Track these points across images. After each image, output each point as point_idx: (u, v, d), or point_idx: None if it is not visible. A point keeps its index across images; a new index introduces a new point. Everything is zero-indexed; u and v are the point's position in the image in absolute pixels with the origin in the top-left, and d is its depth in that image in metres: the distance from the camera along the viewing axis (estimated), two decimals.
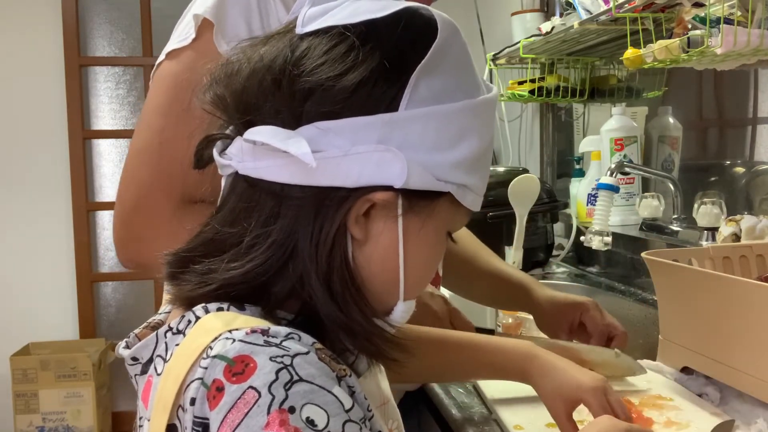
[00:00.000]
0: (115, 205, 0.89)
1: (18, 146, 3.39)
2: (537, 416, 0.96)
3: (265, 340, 0.49)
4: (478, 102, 0.58)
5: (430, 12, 0.57)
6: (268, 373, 0.47)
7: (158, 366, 0.54)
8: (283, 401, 0.46)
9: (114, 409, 3.48)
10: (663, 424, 0.95)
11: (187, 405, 0.49)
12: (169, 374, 0.51)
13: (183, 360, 0.51)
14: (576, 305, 1.18)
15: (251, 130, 0.54)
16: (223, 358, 0.48)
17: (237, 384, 0.47)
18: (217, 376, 0.48)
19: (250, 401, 0.46)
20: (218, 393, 0.47)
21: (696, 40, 1.25)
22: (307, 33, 0.56)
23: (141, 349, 0.56)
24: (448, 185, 0.57)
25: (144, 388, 0.55)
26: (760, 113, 1.67)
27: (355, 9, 0.55)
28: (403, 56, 0.55)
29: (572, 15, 1.77)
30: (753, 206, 1.64)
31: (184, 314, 0.54)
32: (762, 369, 0.91)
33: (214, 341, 0.50)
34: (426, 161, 0.55)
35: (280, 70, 0.54)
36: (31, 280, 3.43)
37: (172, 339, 0.54)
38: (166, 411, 0.50)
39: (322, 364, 0.49)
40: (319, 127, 0.53)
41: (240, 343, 0.49)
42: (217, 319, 0.52)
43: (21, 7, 3.35)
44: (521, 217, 1.53)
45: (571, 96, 2.08)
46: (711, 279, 1.01)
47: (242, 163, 0.55)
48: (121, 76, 3.53)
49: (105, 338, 3.43)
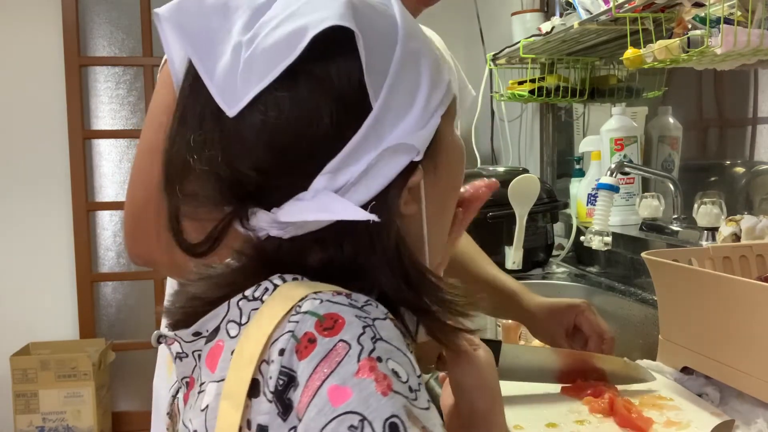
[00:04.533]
0: (125, 203, 0.89)
1: (18, 146, 3.39)
2: (537, 416, 0.97)
3: (350, 302, 0.52)
4: (401, 34, 0.57)
5: (327, 19, 0.54)
6: (356, 327, 0.50)
7: (231, 330, 0.56)
8: (372, 351, 0.49)
9: (114, 409, 3.49)
10: (663, 424, 0.95)
11: (274, 356, 0.51)
12: (252, 334, 0.53)
13: (268, 319, 0.53)
14: (570, 308, 1.17)
15: (283, 213, 0.54)
16: (314, 314, 0.51)
17: (329, 337, 0.49)
18: (308, 329, 0.50)
19: (342, 352, 0.49)
20: (310, 344, 0.50)
21: (696, 40, 1.25)
22: (243, 110, 0.54)
23: (207, 322, 0.57)
24: (439, 109, 0.58)
25: (209, 354, 0.57)
26: (760, 113, 1.67)
27: (261, 62, 0.53)
28: (347, 69, 0.54)
29: (572, 15, 1.77)
30: (753, 206, 1.64)
31: (260, 283, 0.56)
32: (762, 369, 0.91)
33: (302, 300, 0.52)
34: (417, 117, 0.57)
35: (258, 157, 0.54)
36: (31, 280, 3.43)
37: (248, 305, 0.56)
38: (251, 364, 0.52)
39: (397, 331, 0.52)
40: (327, 172, 0.54)
41: (328, 303, 0.52)
42: (299, 286, 0.54)
43: (21, 7, 3.35)
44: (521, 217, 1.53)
45: (571, 96, 2.08)
46: (711, 279, 1.01)
47: (283, 230, 0.56)
48: (121, 76, 3.53)
49: (105, 338, 3.43)
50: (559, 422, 0.95)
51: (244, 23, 0.55)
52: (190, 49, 0.55)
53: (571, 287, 1.84)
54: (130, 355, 3.51)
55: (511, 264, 1.64)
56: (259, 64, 0.53)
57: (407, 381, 0.49)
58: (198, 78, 0.56)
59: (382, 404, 0.47)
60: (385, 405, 0.47)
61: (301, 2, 0.55)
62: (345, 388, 0.47)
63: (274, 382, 0.50)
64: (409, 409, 0.47)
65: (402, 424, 0.46)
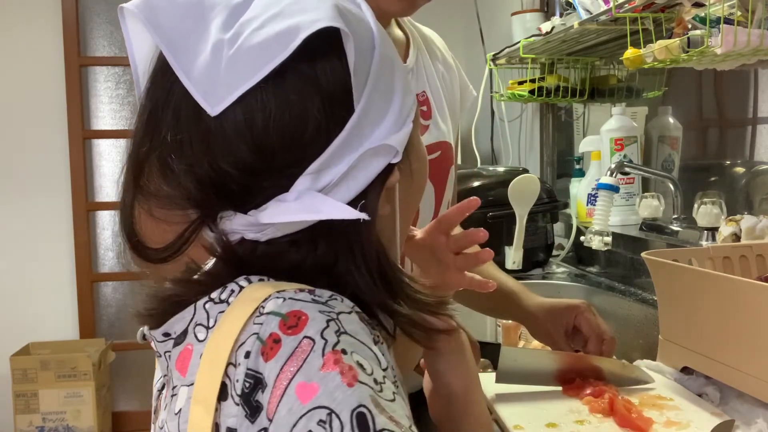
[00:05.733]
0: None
1: (18, 146, 3.39)
2: (537, 416, 0.97)
3: (313, 298, 0.52)
4: (377, 38, 0.58)
5: (319, 20, 0.54)
6: (319, 322, 0.50)
7: (199, 334, 0.56)
8: (336, 344, 0.49)
9: (114, 409, 3.49)
10: (663, 424, 0.95)
11: (240, 359, 0.51)
12: (220, 337, 0.53)
13: (234, 322, 0.53)
14: (570, 308, 1.16)
15: (265, 214, 0.54)
16: (278, 314, 0.51)
17: (293, 335, 0.50)
18: (273, 330, 0.50)
19: (307, 349, 0.49)
20: (275, 345, 0.50)
21: (696, 40, 1.25)
22: (226, 109, 0.53)
23: (174, 324, 0.57)
24: (411, 113, 0.59)
25: (179, 358, 0.57)
26: (760, 113, 1.67)
27: (247, 60, 0.53)
28: (334, 70, 0.55)
29: (572, 15, 1.77)
30: (753, 206, 1.64)
31: (225, 285, 0.56)
32: (762, 369, 0.91)
33: (266, 301, 0.52)
34: (393, 120, 0.57)
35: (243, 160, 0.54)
36: (31, 280, 3.43)
37: (214, 308, 0.55)
38: (220, 368, 0.52)
39: (363, 324, 0.53)
40: (310, 172, 0.54)
41: (291, 300, 0.52)
42: (263, 287, 0.54)
43: (21, 7, 3.36)
44: (521, 217, 1.53)
45: (571, 96, 2.08)
46: (711, 279, 1.01)
47: (261, 233, 0.55)
48: (121, 76, 3.53)
49: (105, 338, 3.43)
50: (559, 422, 0.95)
51: (223, 21, 0.55)
52: (164, 47, 0.54)
53: (571, 287, 1.84)
54: (130, 355, 3.52)
55: (511, 264, 1.63)
56: (245, 62, 0.53)
57: (372, 373, 0.49)
58: (168, 75, 0.55)
59: (348, 395, 0.47)
60: (351, 396, 0.47)
61: (284, 3, 0.55)
62: (312, 384, 0.48)
63: (240, 385, 0.50)
64: (375, 399, 0.48)
65: (369, 413, 0.47)
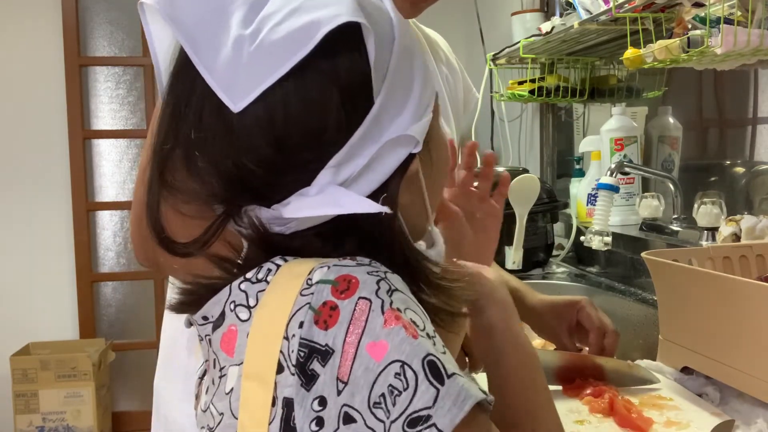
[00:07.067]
0: (132, 204, 0.88)
1: (18, 146, 3.39)
2: None
3: (358, 262, 0.53)
4: (397, 30, 0.58)
5: (340, 15, 0.54)
6: (370, 284, 0.51)
7: (241, 314, 0.56)
8: (391, 303, 0.51)
9: (114, 409, 3.49)
10: (663, 424, 0.95)
11: (294, 330, 0.51)
12: (268, 313, 0.53)
13: (283, 297, 0.53)
14: (572, 304, 1.18)
15: (288, 209, 0.54)
16: (327, 281, 0.52)
17: (348, 298, 0.51)
18: (326, 298, 0.51)
19: (365, 309, 0.50)
20: (333, 312, 0.50)
21: (696, 40, 1.25)
22: (248, 105, 0.53)
23: (211, 307, 0.57)
24: (431, 103, 0.59)
25: (223, 339, 0.56)
26: (760, 113, 1.67)
27: (268, 56, 0.53)
28: (354, 64, 0.55)
29: (572, 15, 1.77)
30: (753, 206, 1.64)
31: (261, 265, 0.56)
32: (762, 369, 0.91)
33: (311, 273, 0.53)
34: (412, 111, 0.57)
35: (265, 154, 0.54)
36: (31, 280, 3.43)
37: (252, 287, 0.55)
38: (275, 343, 0.52)
39: (404, 283, 0.54)
40: (331, 166, 0.54)
41: (337, 267, 0.52)
42: (303, 263, 0.55)
43: (21, 7, 3.35)
44: (521, 217, 1.53)
45: (571, 96, 2.08)
46: (711, 279, 1.01)
47: (285, 226, 0.56)
48: (121, 76, 3.53)
49: (105, 338, 3.43)
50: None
51: (243, 16, 0.54)
52: (185, 43, 0.54)
53: (571, 287, 1.84)
54: (130, 355, 3.52)
55: (511, 264, 1.63)
56: (267, 58, 0.53)
57: (424, 328, 0.51)
58: (190, 70, 0.55)
59: (416, 346, 0.49)
60: (419, 346, 0.49)
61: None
62: (380, 342, 0.49)
63: (295, 356, 0.50)
64: (437, 349, 0.50)
65: (438, 360, 0.49)
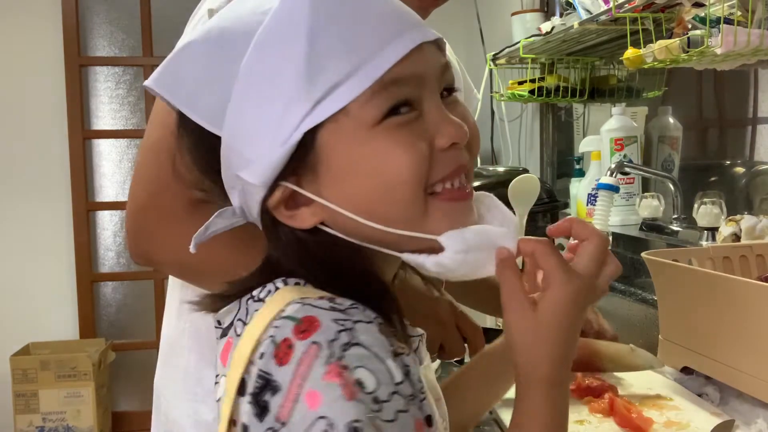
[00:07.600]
0: (128, 202, 0.87)
1: (18, 146, 3.39)
2: None
3: (331, 305, 0.54)
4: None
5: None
6: (330, 331, 0.51)
7: (238, 328, 0.59)
8: (340, 358, 0.50)
9: (114, 409, 3.49)
10: (663, 424, 0.95)
11: (256, 359, 0.53)
12: (248, 334, 0.55)
13: (261, 322, 0.55)
14: None
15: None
16: (293, 319, 0.53)
17: (303, 340, 0.51)
18: (287, 335, 0.52)
19: (314, 354, 0.50)
20: (288, 350, 0.52)
21: (696, 40, 1.25)
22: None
23: (225, 314, 0.61)
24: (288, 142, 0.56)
25: (223, 349, 0.60)
26: (760, 113, 1.67)
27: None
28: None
29: (572, 15, 1.77)
30: (753, 206, 1.64)
31: (266, 285, 0.59)
32: (762, 369, 0.91)
33: (287, 305, 0.54)
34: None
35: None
36: (31, 280, 3.43)
37: (253, 305, 0.58)
38: (242, 365, 0.54)
39: (381, 337, 0.53)
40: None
41: (308, 306, 0.53)
42: (292, 291, 0.57)
43: (21, 7, 3.35)
44: (521, 217, 1.53)
45: (571, 96, 2.08)
46: (711, 279, 1.01)
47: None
48: (121, 76, 3.53)
49: (105, 338, 3.43)
50: None
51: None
52: (186, 110, 0.59)
53: None
54: (130, 355, 3.52)
55: None
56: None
57: (373, 392, 0.50)
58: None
59: (346, 408, 0.49)
60: (350, 409, 0.48)
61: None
62: (316, 392, 0.50)
63: (252, 384, 0.52)
64: (371, 419, 0.49)
65: (363, 430, 0.48)
